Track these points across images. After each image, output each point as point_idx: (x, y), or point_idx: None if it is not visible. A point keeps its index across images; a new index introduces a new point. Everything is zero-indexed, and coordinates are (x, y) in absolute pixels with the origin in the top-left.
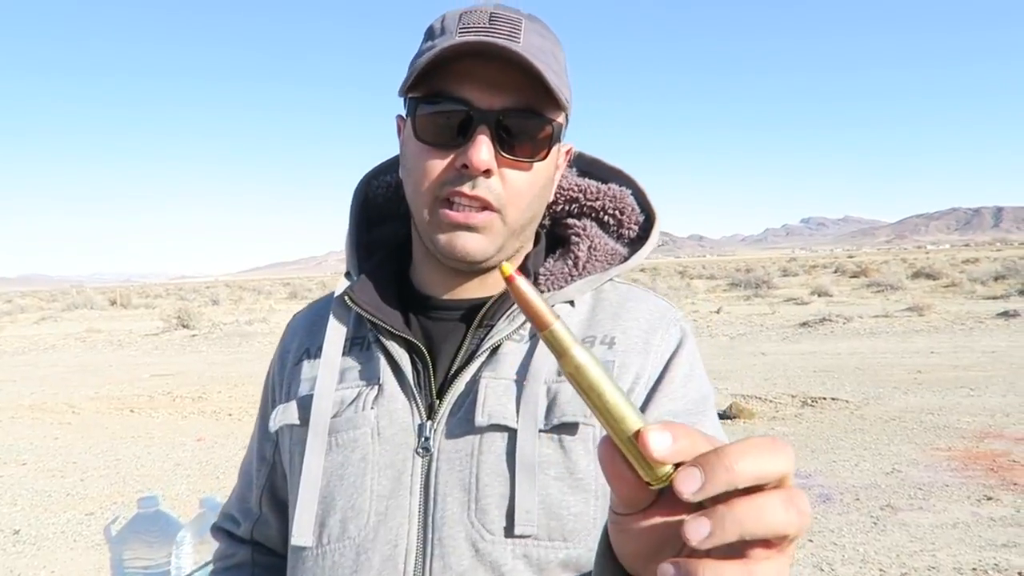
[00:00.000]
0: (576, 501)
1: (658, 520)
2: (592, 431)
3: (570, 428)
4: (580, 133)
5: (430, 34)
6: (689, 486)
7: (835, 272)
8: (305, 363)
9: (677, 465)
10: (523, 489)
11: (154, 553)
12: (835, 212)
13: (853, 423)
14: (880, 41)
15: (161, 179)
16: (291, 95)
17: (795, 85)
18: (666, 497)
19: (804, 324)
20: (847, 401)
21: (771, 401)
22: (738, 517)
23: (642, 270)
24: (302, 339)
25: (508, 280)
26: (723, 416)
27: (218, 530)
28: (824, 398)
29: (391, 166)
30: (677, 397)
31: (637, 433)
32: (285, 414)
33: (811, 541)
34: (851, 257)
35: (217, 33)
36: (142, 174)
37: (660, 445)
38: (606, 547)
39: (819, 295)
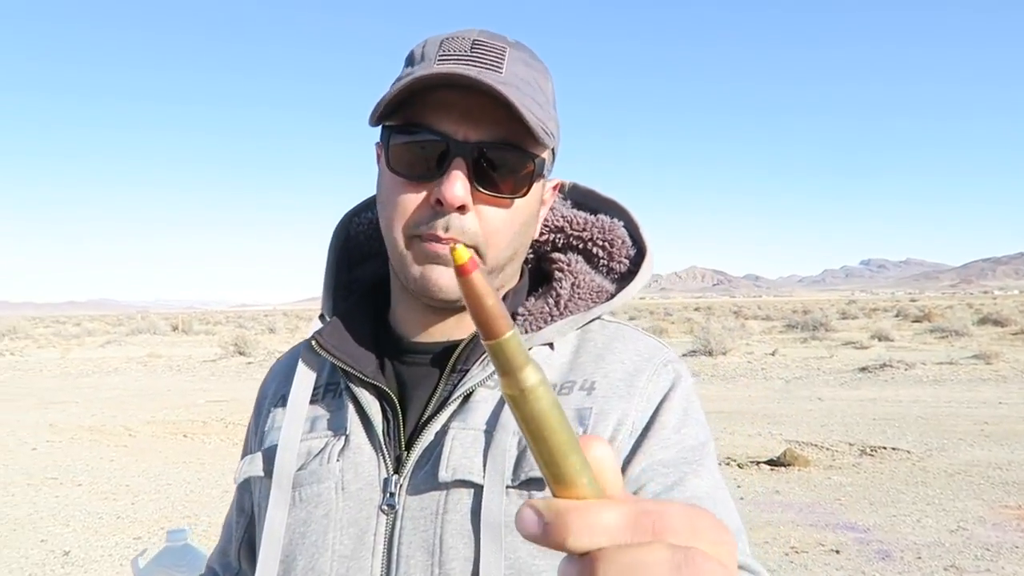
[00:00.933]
0: (547, 565)
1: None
2: None
3: (540, 483)
4: (626, 170)
5: (410, 60)
6: (525, 526)
7: (896, 316)
8: (278, 410)
9: None
10: (488, 552)
11: None
12: (897, 254)
13: (915, 476)
14: (944, 88)
15: (226, 209)
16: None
17: (855, 127)
18: None
19: (863, 369)
20: (909, 452)
21: (828, 449)
22: (597, 571)
23: (696, 309)
24: (278, 385)
25: (460, 271)
26: (776, 463)
27: None
28: (884, 448)
29: (372, 203)
30: (669, 445)
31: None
32: (251, 465)
33: None
34: (913, 301)
35: (284, 65)
36: (209, 204)
37: (522, 526)
38: None
39: (879, 339)
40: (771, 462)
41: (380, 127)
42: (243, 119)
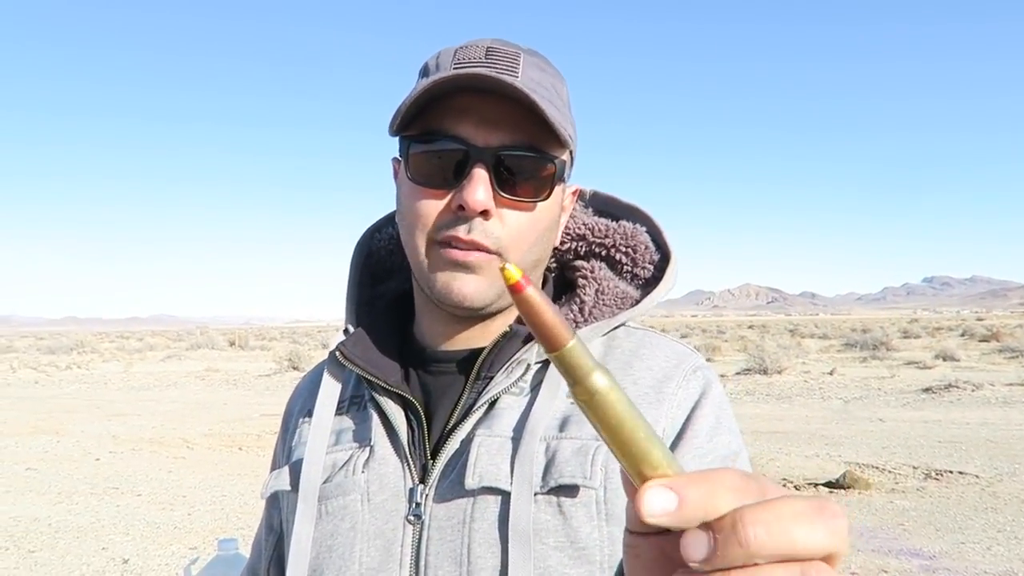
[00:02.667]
0: (579, 574)
1: (672, 543)
2: (595, 494)
3: (569, 491)
4: (677, 186)
5: (424, 72)
6: (695, 553)
7: (962, 335)
8: (304, 424)
9: None
10: (517, 561)
11: None
12: (961, 271)
13: (984, 501)
14: (1010, 101)
15: (280, 228)
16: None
17: (918, 141)
18: None
19: (927, 390)
20: (977, 476)
21: (890, 472)
22: (748, 536)
23: (750, 327)
24: (305, 399)
25: (514, 289)
26: (836, 486)
27: None
28: (950, 471)
29: (392, 218)
30: (702, 454)
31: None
32: (278, 480)
33: None
34: (980, 320)
35: (334, 84)
36: (265, 223)
37: (654, 508)
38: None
39: (944, 359)
40: (829, 484)
41: (398, 139)
42: (297, 138)
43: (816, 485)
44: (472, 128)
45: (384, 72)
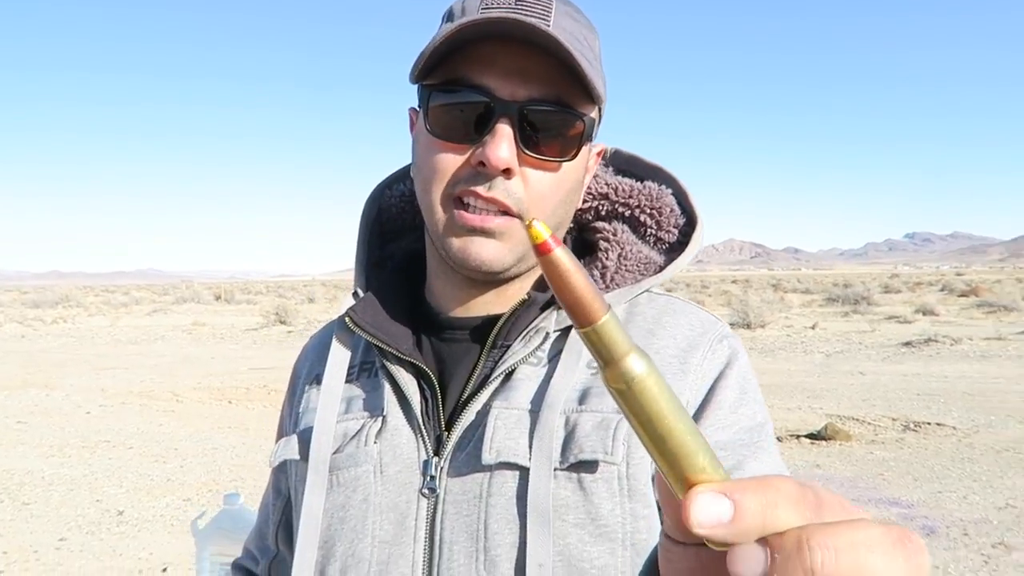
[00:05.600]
0: (600, 552)
1: (712, 557)
2: (616, 470)
3: (590, 466)
4: (661, 140)
5: (449, 16)
6: (747, 570)
7: (942, 290)
8: (312, 391)
9: None
10: (536, 538)
11: (238, 549)
12: (943, 227)
13: (961, 452)
14: (991, 55)
15: (265, 181)
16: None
17: (900, 97)
18: None
19: (907, 344)
20: (954, 428)
21: (870, 424)
22: (816, 561)
23: (733, 282)
24: (312, 363)
25: (540, 249)
26: (817, 437)
27: (238, 568)
28: (928, 423)
29: (406, 174)
30: (726, 425)
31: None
32: (286, 448)
33: None
34: (960, 275)
35: (324, 39)
36: (249, 176)
37: (706, 518)
38: (652, 571)
39: (924, 314)
40: (812, 436)
41: (417, 88)
42: (280, 92)
43: (799, 437)
44: (498, 79)
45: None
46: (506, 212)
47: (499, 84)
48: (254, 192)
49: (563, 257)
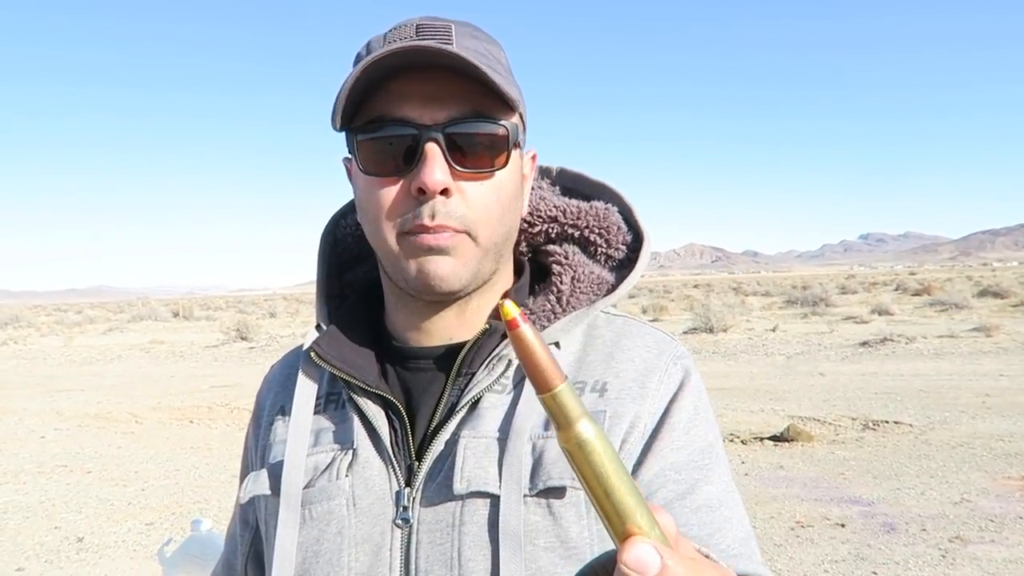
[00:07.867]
0: (569, 573)
1: None
2: (582, 494)
3: (558, 492)
4: (621, 147)
5: (357, 61)
6: (646, 566)
7: (896, 290)
8: (279, 423)
9: None
10: (508, 564)
11: (206, 575)
12: (895, 228)
13: (918, 448)
14: (943, 56)
15: (222, 194)
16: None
17: (853, 99)
18: None
19: (864, 344)
20: (911, 425)
21: (830, 424)
22: None
23: (695, 286)
24: (276, 395)
25: (510, 326)
26: (780, 439)
27: None
28: (886, 422)
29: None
30: (680, 447)
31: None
32: (256, 483)
33: (875, 574)
34: (913, 274)
35: (278, 49)
36: (204, 189)
37: (636, 564)
38: None
39: (880, 314)
40: (774, 438)
41: (344, 135)
42: (235, 104)
43: (762, 439)
44: (416, 107)
45: (330, 33)
46: (453, 231)
47: (419, 112)
48: (210, 204)
49: (528, 333)
